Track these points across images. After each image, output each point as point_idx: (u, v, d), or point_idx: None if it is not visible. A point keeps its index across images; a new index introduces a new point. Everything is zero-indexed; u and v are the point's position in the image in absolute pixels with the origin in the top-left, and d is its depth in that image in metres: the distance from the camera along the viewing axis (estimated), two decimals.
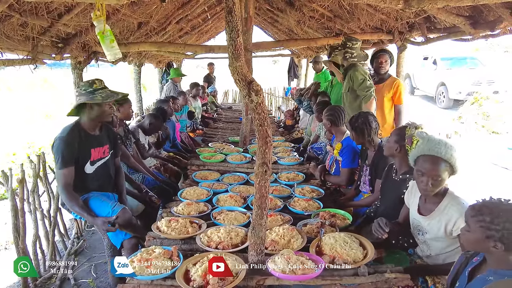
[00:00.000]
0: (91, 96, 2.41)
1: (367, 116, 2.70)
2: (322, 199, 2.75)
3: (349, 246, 1.81)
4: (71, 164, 2.40)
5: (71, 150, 2.40)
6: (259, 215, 1.67)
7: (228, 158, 3.67)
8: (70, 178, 2.42)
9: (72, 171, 2.42)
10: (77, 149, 2.43)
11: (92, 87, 2.45)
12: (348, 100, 3.64)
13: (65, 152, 2.37)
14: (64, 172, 2.38)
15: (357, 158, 3.06)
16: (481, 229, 1.31)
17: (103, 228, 2.31)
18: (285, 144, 4.56)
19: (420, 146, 1.81)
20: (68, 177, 2.41)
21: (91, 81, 2.49)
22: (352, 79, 3.48)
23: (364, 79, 3.40)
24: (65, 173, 2.39)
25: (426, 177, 1.75)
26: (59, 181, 2.42)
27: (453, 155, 1.72)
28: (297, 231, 2.02)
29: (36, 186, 3.25)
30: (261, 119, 1.62)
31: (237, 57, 1.53)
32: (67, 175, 2.40)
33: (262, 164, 1.65)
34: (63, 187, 2.40)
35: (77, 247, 3.65)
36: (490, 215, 1.30)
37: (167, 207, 2.62)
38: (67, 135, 2.41)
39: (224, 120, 6.73)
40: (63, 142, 2.38)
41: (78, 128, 2.49)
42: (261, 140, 1.65)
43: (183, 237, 2.04)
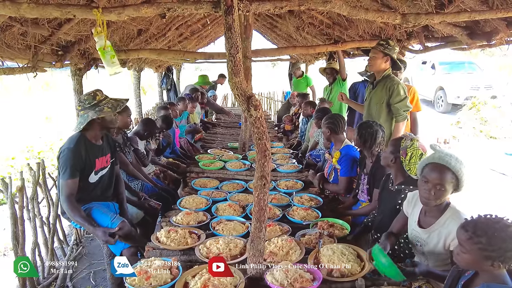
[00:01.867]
0: (98, 109, 2.44)
1: (377, 130, 2.73)
2: (320, 208, 2.77)
3: (347, 258, 1.83)
4: (76, 175, 2.43)
5: (79, 161, 2.42)
6: (258, 228, 1.69)
7: (227, 165, 3.69)
8: (74, 189, 2.43)
9: (77, 182, 2.44)
10: (84, 160, 2.46)
11: (96, 99, 2.47)
12: (383, 113, 3.15)
13: (73, 163, 2.39)
14: (69, 182, 2.40)
15: (356, 167, 3.08)
16: (479, 251, 1.31)
17: (103, 239, 2.33)
18: (284, 150, 4.57)
19: (430, 155, 1.82)
20: (72, 188, 2.42)
21: (93, 93, 2.51)
22: (390, 92, 3.06)
23: (406, 97, 3.07)
24: (69, 184, 2.40)
25: (430, 185, 1.75)
26: (62, 191, 2.43)
27: (461, 169, 1.72)
28: (295, 242, 2.03)
29: (35, 193, 3.27)
30: (260, 133, 1.64)
31: (237, 72, 1.55)
32: (72, 186, 2.42)
33: (261, 177, 1.67)
34: (67, 197, 2.41)
35: (76, 254, 3.66)
36: (486, 237, 1.30)
37: (166, 216, 2.64)
38: (75, 146, 2.43)
39: (223, 125, 6.74)
40: (72, 153, 2.40)
41: (84, 139, 2.51)
42: (260, 154, 1.67)
43: (182, 248, 2.05)
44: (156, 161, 4.08)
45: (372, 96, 3.25)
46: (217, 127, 6.55)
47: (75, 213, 2.40)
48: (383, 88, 3.12)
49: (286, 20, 5.86)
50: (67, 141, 2.48)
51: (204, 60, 10.06)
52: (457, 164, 1.72)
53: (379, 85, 3.18)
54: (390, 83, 3.08)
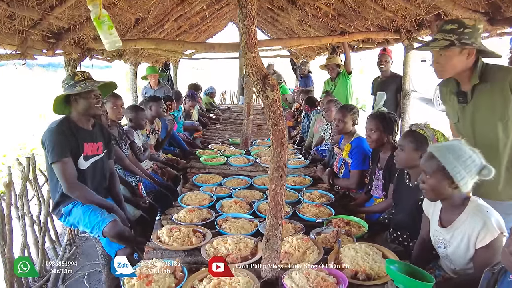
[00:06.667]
0: (72, 89, 2.28)
1: (395, 117, 2.58)
2: (332, 205, 2.58)
3: (372, 259, 1.64)
4: (67, 154, 2.21)
5: (64, 140, 2.22)
6: (274, 226, 1.50)
7: (230, 160, 3.49)
8: (72, 169, 2.23)
9: (71, 162, 2.23)
10: (70, 141, 2.25)
11: (74, 79, 2.32)
12: (501, 127, 1.88)
13: (57, 142, 2.19)
14: (62, 163, 2.19)
15: (368, 160, 2.90)
16: None
17: None
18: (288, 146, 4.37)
19: None
20: (70, 168, 2.22)
21: (73, 73, 2.37)
22: None
23: None
24: (63, 165, 2.19)
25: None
26: (60, 175, 2.21)
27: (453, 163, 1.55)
28: (312, 241, 1.84)
29: (25, 190, 3.04)
30: (276, 118, 1.45)
31: (251, 47, 1.36)
32: (67, 167, 2.21)
33: (277, 168, 1.48)
34: (69, 180, 2.21)
35: (69, 255, 3.44)
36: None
37: (166, 214, 2.43)
38: (56, 126, 2.25)
39: (223, 121, 6.53)
40: (54, 133, 2.21)
41: (68, 121, 2.33)
42: (276, 142, 1.48)
43: (186, 248, 1.84)
44: (155, 157, 3.87)
45: (474, 112, 1.97)
46: (216, 123, 6.34)
47: (89, 193, 2.26)
48: (492, 90, 1.86)
49: (288, 13, 5.68)
50: (49, 124, 2.30)
51: (202, 57, 9.87)
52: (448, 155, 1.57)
53: (480, 92, 1.90)
54: (504, 74, 1.86)
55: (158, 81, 6.07)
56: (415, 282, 1.39)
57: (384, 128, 2.51)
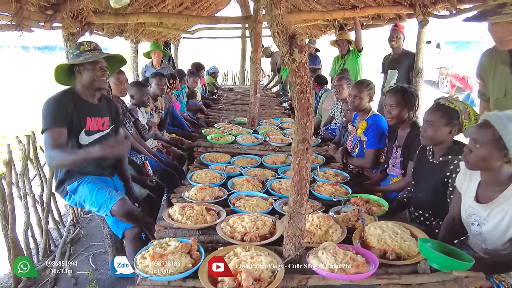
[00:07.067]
0: (76, 58, 2.13)
1: (416, 92, 2.43)
2: (347, 184, 2.48)
3: (401, 237, 1.54)
4: (62, 124, 2.04)
5: (63, 111, 2.06)
6: (299, 202, 1.38)
7: (238, 139, 3.36)
8: (61, 140, 2.02)
9: (63, 134, 2.03)
10: (70, 113, 2.10)
11: (79, 49, 2.16)
12: None
13: (53, 110, 2.03)
14: (51, 132, 1.99)
15: (384, 138, 2.78)
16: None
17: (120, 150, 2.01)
18: None
19: None
20: (59, 138, 2.01)
21: (79, 43, 2.21)
22: None
23: None
24: (54, 134, 1.99)
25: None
26: (47, 143, 1.99)
27: None
28: (334, 220, 1.74)
29: (26, 169, 2.93)
30: (303, 84, 1.31)
31: (277, 2, 1.20)
32: (58, 136, 2.00)
33: (302, 140, 1.35)
34: (53, 147, 1.96)
35: (73, 235, 3.36)
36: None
37: (175, 192, 2.32)
38: (58, 96, 2.11)
39: (226, 102, 6.37)
40: (53, 101, 2.06)
41: (72, 93, 2.18)
42: (302, 111, 1.35)
43: (201, 226, 1.74)
44: (159, 136, 3.74)
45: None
46: (220, 103, 6.17)
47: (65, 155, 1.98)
48: None
49: None
50: (52, 94, 2.15)
51: (203, 36, 9.60)
52: None
53: None
54: None
55: (161, 61, 5.84)
56: (453, 261, 1.29)
57: (406, 103, 2.37)
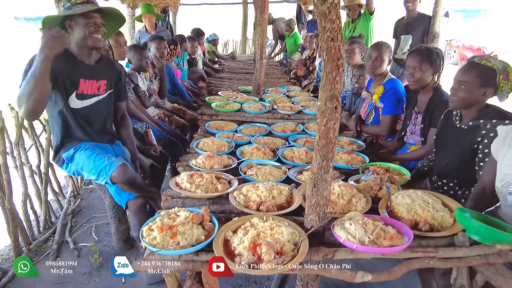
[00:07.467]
0: (66, 11, 1.89)
1: (441, 53, 2.22)
2: (363, 152, 2.33)
3: (432, 207, 1.40)
4: None
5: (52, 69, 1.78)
6: (324, 168, 1.23)
7: (244, 107, 3.17)
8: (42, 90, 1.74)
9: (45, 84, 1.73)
10: (60, 71, 1.89)
11: (70, 1, 1.89)
12: None
13: None
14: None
15: (402, 104, 2.61)
16: None
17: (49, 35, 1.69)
18: (303, 93, 4.04)
19: None
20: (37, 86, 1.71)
21: None
22: None
23: None
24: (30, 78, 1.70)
25: None
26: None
27: None
28: (357, 189, 1.60)
29: (20, 138, 2.76)
30: (334, 30, 1.12)
31: None
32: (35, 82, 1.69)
33: (331, 97, 1.18)
34: None
35: (74, 207, 3.25)
36: None
37: (181, 161, 2.17)
38: None
39: (228, 71, 6.11)
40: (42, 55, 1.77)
41: (66, 53, 1.93)
42: (331, 63, 1.16)
43: (211, 195, 1.60)
44: (160, 105, 3.55)
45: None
46: (222, 72, 5.92)
47: (28, 76, 1.70)
48: None
49: None
50: None
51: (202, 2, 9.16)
52: None
53: None
54: None
55: (155, 25, 5.41)
56: (497, 232, 1.16)
57: (431, 65, 2.17)
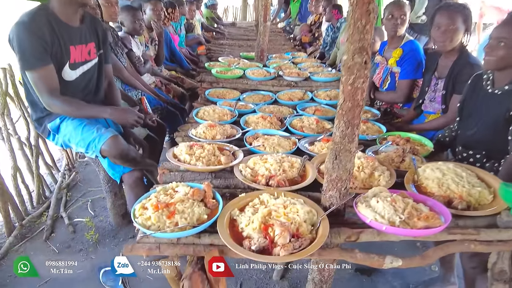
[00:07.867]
0: None
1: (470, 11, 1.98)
2: (378, 121, 2.13)
3: (468, 182, 1.23)
4: (47, 60, 1.65)
5: (42, 42, 1.62)
6: (348, 137, 1.04)
7: (247, 73, 2.93)
8: (53, 79, 1.69)
9: (52, 72, 1.68)
10: (50, 42, 1.65)
11: None
12: None
13: (34, 44, 1.60)
14: (39, 74, 1.64)
15: (421, 68, 2.38)
16: None
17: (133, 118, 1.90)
18: (311, 60, 3.78)
19: None
20: (50, 79, 1.67)
21: None
22: None
23: None
24: (41, 76, 1.65)
25: None
26: (39, 87, 1.67)
27: None
28: (378, 161, 1.41)
29: (6, 107, 2.55)
30: None
31: None
32: (47, 77, 1.66)
33: (359, 50, 0.96)
34: (50, 94, 1.68)
35: (69, 181, 3.10)
36: None
37: (179, 130, 1.97)
38: (29, 19, 1.61)
39: (229, 36, 5.78)
40: (29, 31, 1.59)
41: (47, 13, 1.66)
42: (361, 8, 0.94)
43: (214, 168, 1.41)
44: (157, 72, 3.30)
45: None
46: (222, 38, 5.60)
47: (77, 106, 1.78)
48: None
49: None
50: (20, 16, 1.64)
51: None
52: None
53: None
54: None
55: None
56: None
57: (465, 22, 1.93)
